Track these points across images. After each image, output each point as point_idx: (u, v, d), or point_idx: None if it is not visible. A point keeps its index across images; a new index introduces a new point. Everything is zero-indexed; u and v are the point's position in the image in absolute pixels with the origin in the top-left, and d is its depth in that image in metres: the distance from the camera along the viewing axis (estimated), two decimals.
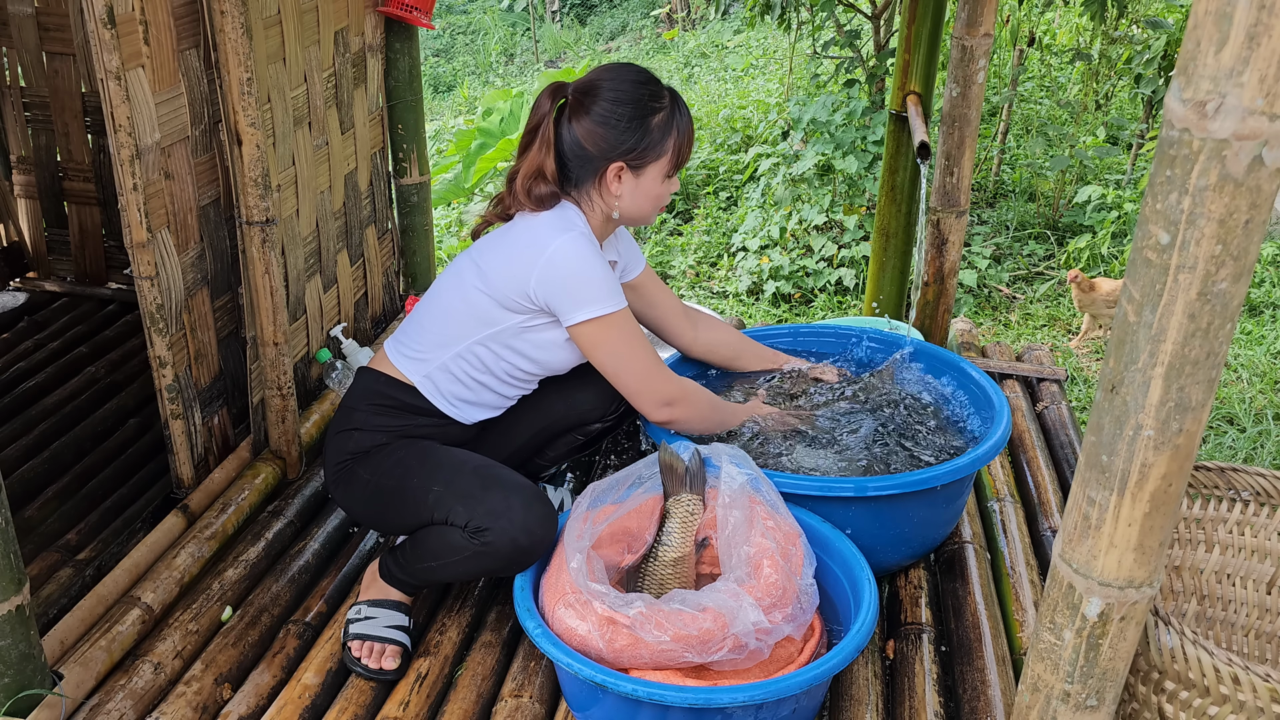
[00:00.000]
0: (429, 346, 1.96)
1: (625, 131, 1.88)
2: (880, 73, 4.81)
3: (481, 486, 1.79)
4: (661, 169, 1.93)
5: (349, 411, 1.99)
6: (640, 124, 1.89)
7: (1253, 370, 3.66)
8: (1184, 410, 0.98)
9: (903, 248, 3.27)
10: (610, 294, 1.87)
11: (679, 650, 1.61)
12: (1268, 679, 1.24)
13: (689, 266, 4.84)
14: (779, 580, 1.69)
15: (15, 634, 1.60)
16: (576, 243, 1.85)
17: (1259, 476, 1.75)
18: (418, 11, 2.78)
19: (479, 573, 1.88)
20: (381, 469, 1.91)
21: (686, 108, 1.96)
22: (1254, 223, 0.89)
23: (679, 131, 1.93)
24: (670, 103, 1.92)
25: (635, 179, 1.93)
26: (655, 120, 1.90)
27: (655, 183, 1.94)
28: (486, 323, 1.92)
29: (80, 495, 2.42)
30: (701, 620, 1.62)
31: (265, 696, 1.85)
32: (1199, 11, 0.85)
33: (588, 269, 1.85)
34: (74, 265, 3.43)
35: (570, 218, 1.91)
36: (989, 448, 2.00)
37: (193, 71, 2.15)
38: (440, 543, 1.81)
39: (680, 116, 1.93)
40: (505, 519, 1.74)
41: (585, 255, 1.85)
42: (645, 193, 1.95)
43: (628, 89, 1.89)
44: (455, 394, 1.98)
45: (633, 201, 1.95)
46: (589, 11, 11.40)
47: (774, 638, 1.65)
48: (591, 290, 1.86)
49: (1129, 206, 4.60)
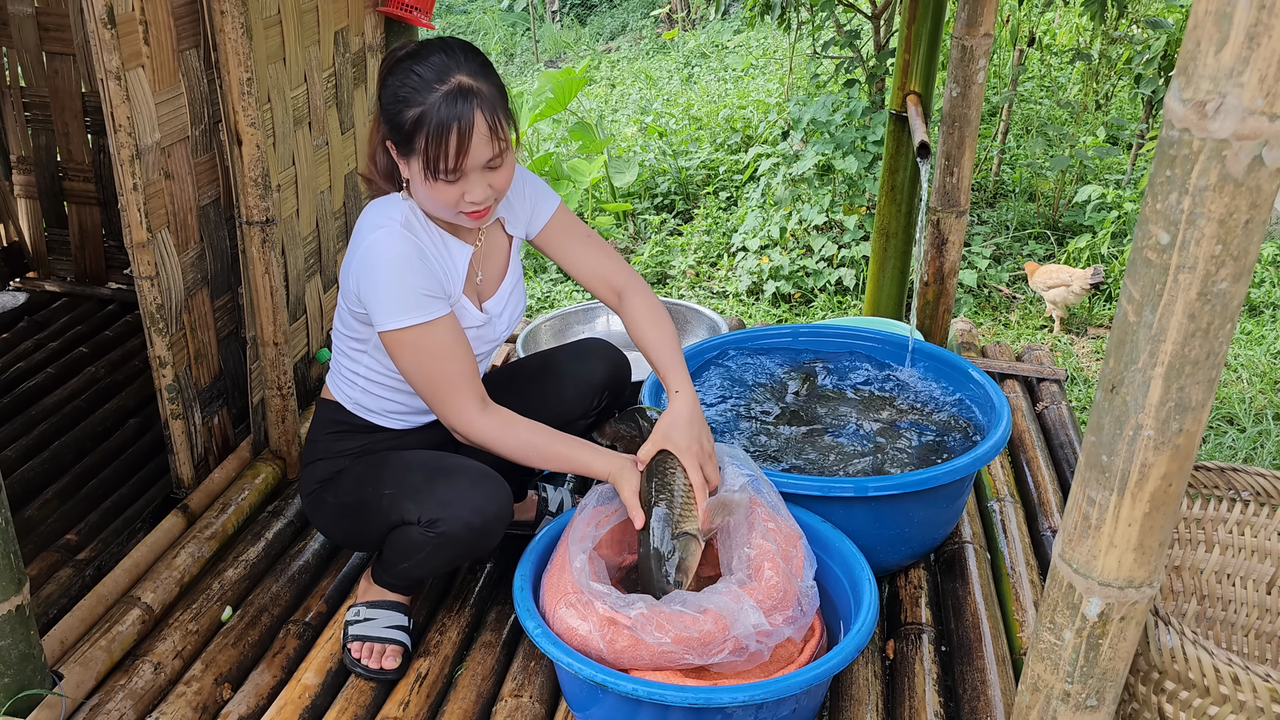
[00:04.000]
0: (345, 371, 1.94)
1: (389, 113, 1.67)
2: (880, 73, 4.81)
3: (427, 479, 1.79)
4: (419, 168, 1.67)
5: (313, 444, 1.99)
6: (398, 110, 1.65)
7: (1253, 370, 3.66)
8: (1184, 410, 0.98)
9: (903, 248, 3.27)
10: (401, 309, 1.69)
11: (680, 652, 1.61)
12: (1268, 679, 1.24)
13: (689, 266, 4.84)
14: (779, 582, 1.69)
15: (15, 634, 1.60)
16: (383, 242, 1.70)
17: (1259, 476, 1.75)
18: (418, 11, 2.78)
19: (450, 562, 1.86)
20: (343, 489, 1.91)
21: (469, 111, 1.61)
22: (1254, 223, 0.89)
23: (433, 130, 1.61)
24: (437, 103, 1.61)
25: (408, 167, 1.71)
26: (411, 113, 1.63)
27: (419, 179, 1.69)
28: (363, 339, 1.86)
29: (80, 495, 2.42)
30: (702, 622, 1.62)
31: (265, 696, 1.85)
32: (1199, 11, 0.85)
33: (384, 275, 1.69)
34: (74, 265, 3.43)
35: (389, 209, 1.75)
36: (989, 448, 2.00)
37: (193, 71, 2.15)
38: (404, 542, 1.82)
39: (441, 116, 1.61)
40: (454, 505, 1.75)
41: (388, 258, 1.69)
42: (418, 186, 1.72)
43: (412, 73, 1.65)
44: (386, 409, 1.95)
45: (415, 189, 1.74)
46: (589, 11, 11.40)
47: (774, 640, 1.65)
48: (379, 301, 1.70)
49: (1129, 206, 4.60)
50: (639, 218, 5.41)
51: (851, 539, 1.88)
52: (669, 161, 5.80)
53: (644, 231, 5.28)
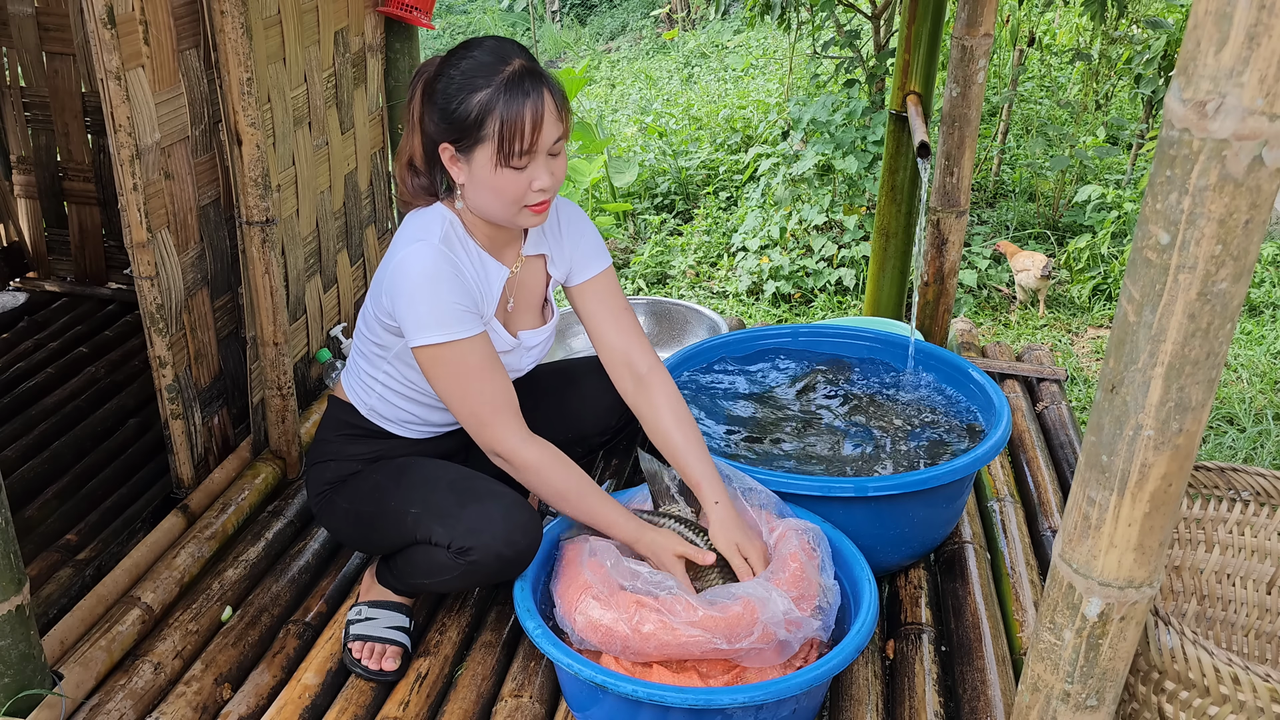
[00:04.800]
0: (364, 376, 1.93)
1: (447, 108, 1.66)
2: (880, 73, 4.81)
3: (458, 503, 1.75)
4: (489, 156, 1.65)
5: (323, 443, 1.98)
6: (461, 100, 1.64)
7: (1253, 370, 3.66)
8: (1184, 410, 0.98)
9: (903, 248, 3.27)
10: (436, 324, 1.66)
11: (707, 637, 1.61)
12: (1268, 679, 1.24)
13: (689, 266, 4.84)
14: (804, 573, 1.71)
15: (15, 634, 1.60)
16: (418, 256, 1.68)
17: (1259, 476, 1.75)
18: (418, 11, 2.78)
19: (472, 586, 1.89)
20: (359, 494, 1.89)
21: (541, 88, 1.65)
22: (1254, 223, 0.89)
23: (504, 112, 1.62)
24: (506, 80, 1.63)
25: (467, 166, 1.69)
26: (478, 98, 1.63)
27: (487, 172, 1.67)
28: (385, 347, 1.85)
29: (80, 495, 2.42)
30: (732, 606, 1.63)
31: (265, 696, 1.85)
32: (1199, 11, 0.85)
33: (419, 289, 1.66)
34: (74, 265, 3.43)
35: (428, 222, 1.74)
36: (989, 448, 2.00)
37: (193, 71, 2.15)
38: (428, 562, 1.80)
39: (515, 97, 1.62)
40: (487, 534, 1.71)
41: (423, 272, 1.67)
42: (481, 183, 1.69)
43: (465, 64, 1.66)
44: (401, 419, 1.94)
45: (474, 193, 1.71)
46: (589, 11, 11.40)
47: (803, 634, 1.65)
48: (413, 315, 1.67)
49: (1129, 206, 4.60)
50: (639, 218, 5.41)
51: (851, 539, 1.88)
52: (669, 161, 5.80)
53: (644, 231, 5.28)
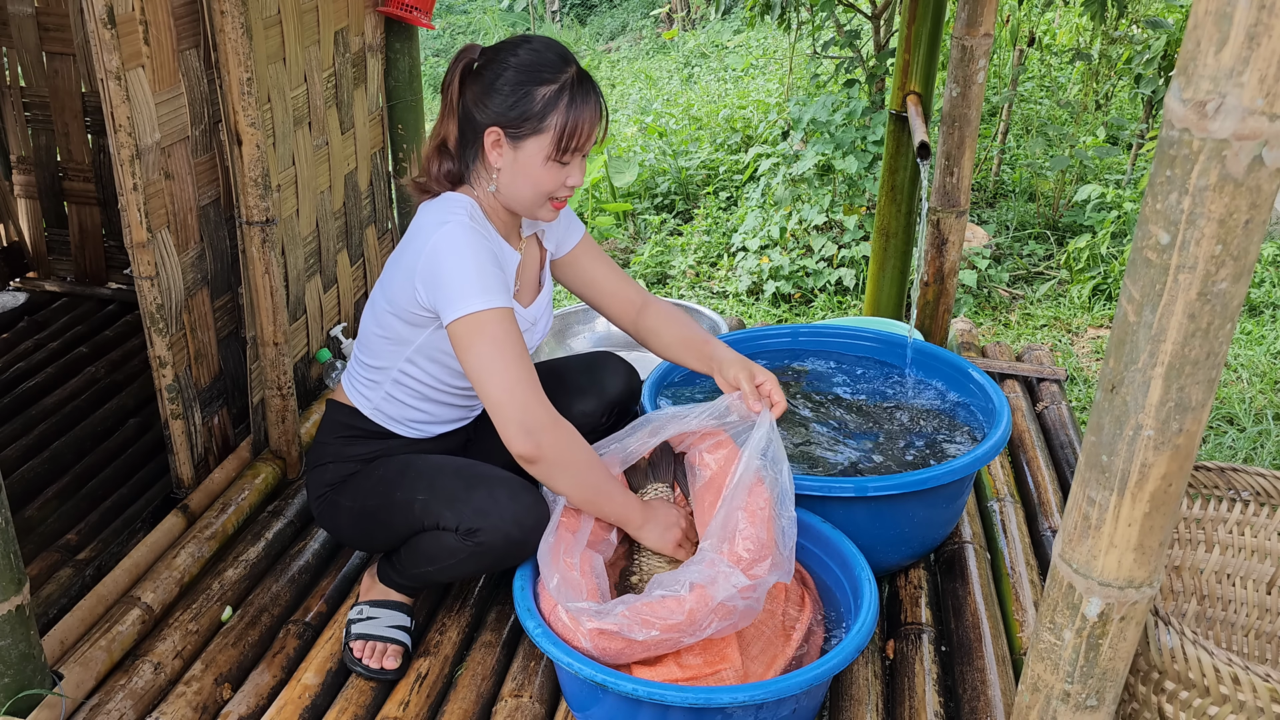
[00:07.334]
0: (370, 377, 1.93)
1: (508, 95, 1.71)
2: (880, 73, 4.81)
3: (465, 487, 1.78)
4: (542, 148, 1.72)
5: (322, 446, 1.98)
6: (525, 91, 1.71)
7: (1253, 370, 3.66)
8: (1184, 410, 0.98)
9: (903, 248, 3.27)
10: (483, 290, 1.68)
11: (673, 639, 1.62)
12: (1268, 679, 1.24)
13: (689, 266, 4.84)
14: (754, 533, 1.69)
15: (15, 634, 1.60)
16: (451, 234, 1.71)
17: (1259, 476, 1.75)
18: (418, 11, 2.78)
19: (478, 571, 1.88)
20: (362, 491, 1.90)
21: (596, 95, 1.75)
22: (1254, 223, 0.89)
23: (569, 111, 1.71)
24: (571, 81, 1.72)
25: (514, 152, 1.74)
26: (543, 91, 1.71)
27: (535, 162, 1.73)
28: (402, 342, 1.85)
29: (80, 495, 2.42)
30: (685, 602, 1.62)
31: (265, 696, 1.85)
32: (1199, 11, 0.85)
33: (458, 261, 1.69)
34: (74, 265, 3.43)
35: (452, 206, 1.78)
36: (989, 448, 2.00)
37: (193, 71, 2.15)
38: (435, 547, 1.80)
39: (577, 98, 1.72)
40: (495, 515, 1.74)
41: (458, 246, 1.70)
42: (524, 171, 1.74)
43: (527, 56, 1.72)
44: (407, 418, 1.94)
45: (511, 179, 1.76)
46: (589, 11, 11.40)
47: (762, 590, 1.65)
48: (459, 284, 1.68)
49: (1129, 206, 4.60)
50: (639, 218, 5.41)
51: (851, 539, 1.88)
52: (669, 161, 5.80)
53: (644, 231, 5.28)
